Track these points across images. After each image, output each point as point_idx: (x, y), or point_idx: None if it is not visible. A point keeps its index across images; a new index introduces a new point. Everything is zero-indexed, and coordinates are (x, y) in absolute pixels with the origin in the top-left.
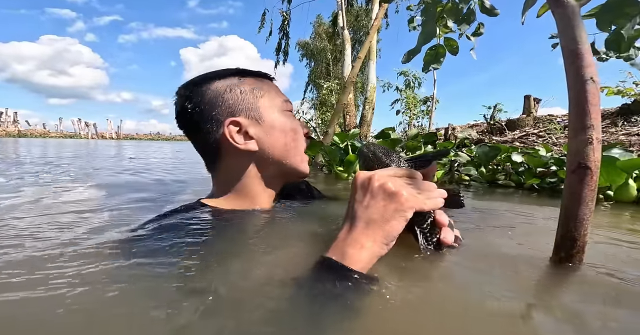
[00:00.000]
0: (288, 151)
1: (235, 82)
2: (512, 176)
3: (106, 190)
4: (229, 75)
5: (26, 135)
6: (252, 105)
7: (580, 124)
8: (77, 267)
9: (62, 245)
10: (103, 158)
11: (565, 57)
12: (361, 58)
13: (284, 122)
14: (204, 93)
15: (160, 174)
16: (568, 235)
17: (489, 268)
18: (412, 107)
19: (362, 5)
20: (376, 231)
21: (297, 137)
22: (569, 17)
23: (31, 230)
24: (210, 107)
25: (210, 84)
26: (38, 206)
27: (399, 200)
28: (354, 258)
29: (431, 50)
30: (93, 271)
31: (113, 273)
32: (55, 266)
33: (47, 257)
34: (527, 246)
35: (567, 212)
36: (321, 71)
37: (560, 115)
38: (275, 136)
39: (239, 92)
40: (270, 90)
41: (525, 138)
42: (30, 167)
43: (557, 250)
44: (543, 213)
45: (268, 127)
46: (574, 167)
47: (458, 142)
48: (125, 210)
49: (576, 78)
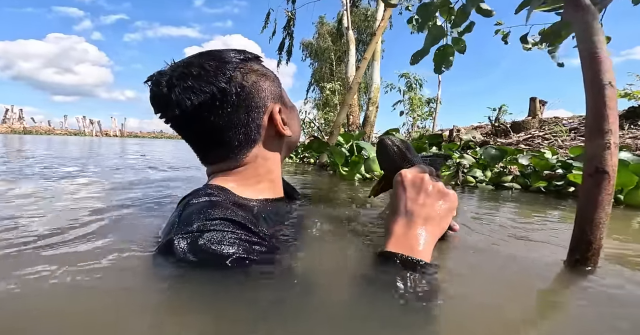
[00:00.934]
0: (297, 135)
1: (257, 67)
2: (519, 179)
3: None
4: (247, 60)
5: (31, 132)
6: (277, 90)
7: (597, 128)
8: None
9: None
10: (120, 155)
11: (583, 60)
12: (367, 58)
13: (295, 113)
14: (237, 77)
15: (192, 171)
16: (583, 238)
17: (503, 270)
18: (416, 108)
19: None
20: (435, 227)
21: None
22: (588, 22)
23: (106, 224)
24: (247, 96)
25: (241, 67)
26: (111, 202)
27: (451, 199)
28: (423, 252)
29: (439, 50)
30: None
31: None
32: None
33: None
34: (539, 249)
35: (582, 215)
36: (324, 71)
37: (567, 118)
38: (295, 118)
39: (264, 78)
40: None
41: (530, 140)
42: (64, 166)
43: (572, 253)
44: (553, 216)
45: (291, 110)
46: (591, 171)
47: (462, 143)
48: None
49: (594, 82)
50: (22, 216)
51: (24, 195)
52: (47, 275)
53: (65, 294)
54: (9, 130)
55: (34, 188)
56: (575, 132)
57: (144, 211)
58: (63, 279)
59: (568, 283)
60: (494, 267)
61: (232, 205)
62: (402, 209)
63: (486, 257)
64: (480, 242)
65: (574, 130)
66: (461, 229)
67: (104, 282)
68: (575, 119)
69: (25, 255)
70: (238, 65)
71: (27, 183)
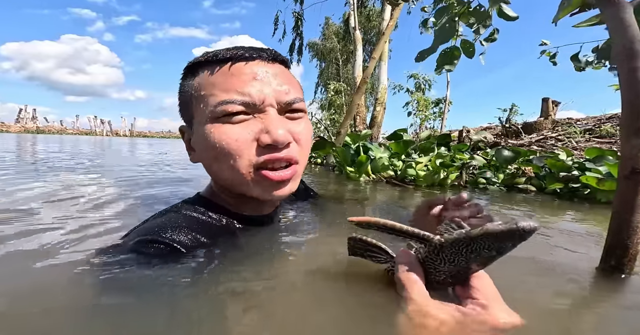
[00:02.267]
0: (217, 173)
1: (184, 84)
2: (533, 180)
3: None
4: (186, 72)
5: (44, 132)
6: (189, 114)
7: (633, 127)
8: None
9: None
10: (142, 155)
11: (618, 57)
12: (375, 58)
13: (207, 135)
14: (179, 91)
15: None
16: (619, 243)
17: (536, 277)
18: (424, 109)
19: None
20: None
21: (223, 155)
22: (622, 17)
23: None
24: (180, 108)
25: (181, 83)
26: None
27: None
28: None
29: (446, 51)
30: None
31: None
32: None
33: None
34: (569, 254)
35: (618, 219)
36: (331, 72)
37: (580, 119)
38: (201, 151)
39: (181, 100)
40: (209, 88)
41: (543, 142)
42: (102, 167)
43: (607, 259)
44: (576, 219)
45: (197, 141)
46: (627, 172)
47: (472, 144)
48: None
49: (630, 79)
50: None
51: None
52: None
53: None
54: (22, 129)
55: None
56: (589, 133)
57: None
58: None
59: (606, 290)
60: (523, 273)
61: (186, 226)
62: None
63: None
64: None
65: (589, 132)
66: None
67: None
68: (589, 120)
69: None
70: (183, 76)
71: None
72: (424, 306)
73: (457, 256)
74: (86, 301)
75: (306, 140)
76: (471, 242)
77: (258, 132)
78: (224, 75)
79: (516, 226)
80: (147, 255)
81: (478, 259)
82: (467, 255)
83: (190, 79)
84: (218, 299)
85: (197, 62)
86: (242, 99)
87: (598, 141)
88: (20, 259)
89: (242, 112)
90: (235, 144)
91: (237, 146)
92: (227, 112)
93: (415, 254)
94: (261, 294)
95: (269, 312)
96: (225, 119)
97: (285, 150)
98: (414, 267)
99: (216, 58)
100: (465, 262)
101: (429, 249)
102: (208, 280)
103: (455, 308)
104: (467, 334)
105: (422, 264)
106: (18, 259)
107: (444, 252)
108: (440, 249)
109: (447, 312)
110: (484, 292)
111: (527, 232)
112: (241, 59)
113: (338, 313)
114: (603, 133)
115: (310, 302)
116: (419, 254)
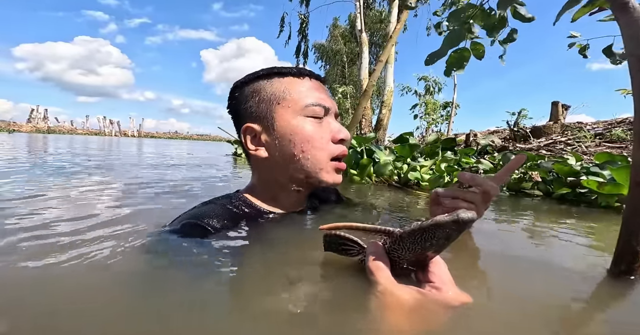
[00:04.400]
0: (299, 161)
1: (261, 86)
2: (540, 185)
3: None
4: (259, 78)
5: (55, 132)
6: (267, 111)
7: None
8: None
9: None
10: (171, 157)
11: (631, 62)
12: (382, 61)
13: (298, 130)
14: (238, 96)
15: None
16: (630, 249)
17: (546, 281)
18: (431, 112)
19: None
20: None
21: (310, 147)
22: (637, 24)
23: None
24: (239, 111)
25: (244, 88)
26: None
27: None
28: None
29: (456, 53)
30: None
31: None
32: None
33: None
34: (580, 258)
35: (629, 224)
36: (336, 74)
37: (590, 123)
38: (284, 145)
39: (257, 99)
40: (296, 93)
41: (552, 146)
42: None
43: (617, 263)
44: (584, 224)
45: (279, 135)
46: (638, 179)
47: (480, 148)
48: None
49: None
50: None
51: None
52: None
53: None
54: (33, 129)
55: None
56: (600, 137)
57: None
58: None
59: (614, 294)
60: (534, 278)
61: (220, 214)
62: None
63: (523, 267)
64: (515, 251)
65: (599, 136)
66: (492, 239)
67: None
68: (600, 124)
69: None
70: (247, 81)
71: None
72: (389, 288)
73: (414, 245)
74: (143, 265)
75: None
76: (424, 232)
77: (332, 132)
78: (305, 86)
79: (457, 217)
80: (188, 234)
81: (432, 246)
82: (422, 243)
83: (266, 81)
84: (235, 266)
85: (275, 71)
86: (324, 104)
87: (608, 146)
88: (104, 240)
89: (322, 115)
90: (321, 141)
91: (321, 142)
92: (315, 112)
93: (383, 244)
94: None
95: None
96: (311, 118)
97: (344, 145)
98: (380, 256)
99: (294, 71)
100: (422, 249)
101: (392, 240)
102: (230, 255)
103: (415, 290)
104: (424, 310)
105: (388, 253)
106: (106, 236)
107: (404, 242)
108: (401, 240)
109: (408, 293)
110: (439, 276)
111: (466, 222)
112: (313, 77)
113: (310, 292)
114: (614, 137)
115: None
116: (385, 244)
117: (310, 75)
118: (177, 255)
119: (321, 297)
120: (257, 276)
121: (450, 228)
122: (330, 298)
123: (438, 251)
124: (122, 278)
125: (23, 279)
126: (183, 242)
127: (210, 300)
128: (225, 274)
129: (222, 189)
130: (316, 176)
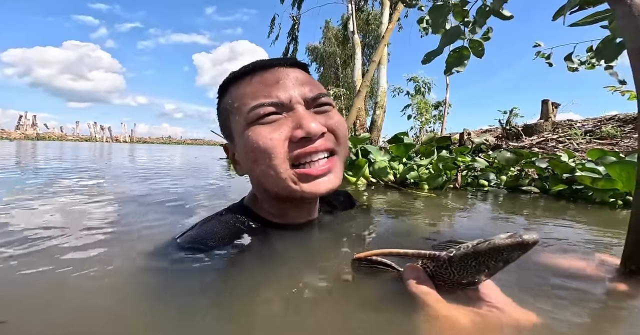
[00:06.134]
0: (259, 176)
1: (222, 102)
2: (536, 182)
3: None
4: (220, 93)
5: (44, 138)
6: (228, 129)
7: None
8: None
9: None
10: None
11: (632, 57)
12: (375, 61)
13: (248, 142)
14: (218, 115)
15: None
16: (639, 247)
17: (556, 280)
18: (424, 112)
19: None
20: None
21: (263, 157)
22: (634, 16)
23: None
24: (221, 127)
25: (219, 105)
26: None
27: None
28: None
29: (455, 52)
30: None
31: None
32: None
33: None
34: (583, 257)
35: (637, 224)
36: (330, 76)
37: (581, 120)
38: (246, 160)
39: (223, 117)
40: (240, 99)
41: (544, 143)
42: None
43: (627, 262)
44: (586, 221)
45: (240, 150)
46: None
47: (474, 147)
48: None
49: None
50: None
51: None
52: None
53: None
54: (22, 136)
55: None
56: (590, 134)
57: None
58: None
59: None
60: (541, 275)
61: (224, 233)
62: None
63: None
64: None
65: (589, 133)
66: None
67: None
68: (589, 122)
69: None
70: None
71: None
72: (442, 311)
73: (466, 269)
74: (151, 277)
75: (342, 130)
76: (478, 256)
77: (290, 129)
78: (251, 85)
79: (521, 239)
80: (193, 256)
81: (486, 270)
82: (476, 267)
83: (223, 97)
84: (236, 285)
85: (227, 81)
86: (271, 100)
87: (599, 142)
88: (119, 253)
89: (273, 112)
90: (270, 143)
91: (271, 144)
92: (260, 115)
93: (423, 267)
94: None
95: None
96: (259, 122)
97: (319, 140)
98: (424, 281)
99: (241, 72)
100: (474, 273)
101: (438, 264)
102: (234, 274)
103: (473, 310)
104: (485, 333)
105: (432, 277)
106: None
107: (453, 266)
108: (450, 264)
109: (466, 315)
110: (494, 297)
111: (530, 244)
112: (263, 68)
113: (360, 317)
114: (604, 134)
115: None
116: (427, 268)
117: (264, 66)
118: (178, 285)
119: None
120: (270, 304)
121: (512, 251)
122: (373, 327)
123: (491, 274)
124: (123, 310)
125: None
126: (184, 268)
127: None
128: (227, 307)
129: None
130: (285, 190)
